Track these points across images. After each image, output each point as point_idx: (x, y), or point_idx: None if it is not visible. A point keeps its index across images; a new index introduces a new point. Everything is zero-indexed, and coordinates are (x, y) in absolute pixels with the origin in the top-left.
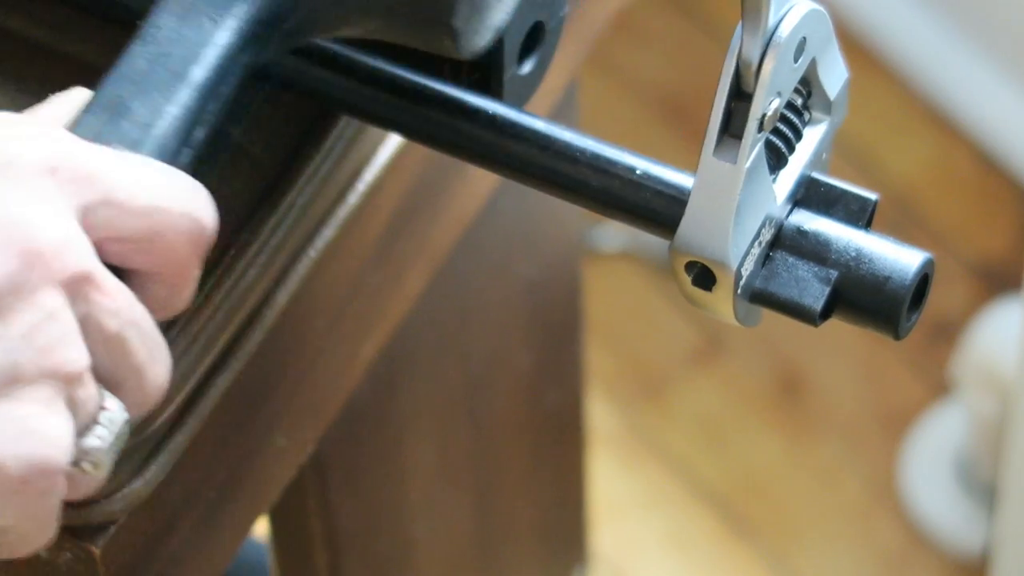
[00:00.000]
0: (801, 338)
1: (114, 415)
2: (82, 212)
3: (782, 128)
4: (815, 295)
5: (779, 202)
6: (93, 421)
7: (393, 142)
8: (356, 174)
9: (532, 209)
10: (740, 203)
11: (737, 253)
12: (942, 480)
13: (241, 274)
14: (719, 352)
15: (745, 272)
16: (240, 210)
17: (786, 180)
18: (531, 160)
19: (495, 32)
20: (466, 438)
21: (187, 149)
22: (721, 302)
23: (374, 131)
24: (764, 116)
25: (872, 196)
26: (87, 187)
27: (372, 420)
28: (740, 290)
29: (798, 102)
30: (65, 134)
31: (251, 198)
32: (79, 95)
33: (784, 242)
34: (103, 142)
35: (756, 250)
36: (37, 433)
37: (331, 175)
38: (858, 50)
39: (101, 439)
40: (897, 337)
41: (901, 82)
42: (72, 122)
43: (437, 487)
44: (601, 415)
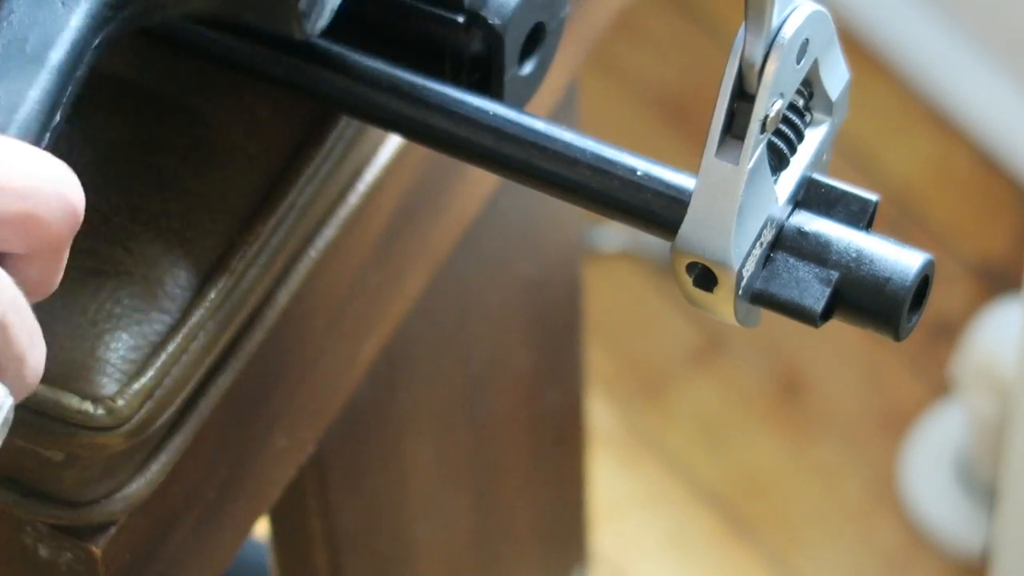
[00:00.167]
0: (801, 338)
1: (1, 399)
2: None
3: (784, 129)
4: (816, 296)
5: (780, 203)
6: None
7: (393, 143)
8: (356, 174)
9: (532, 209)
10: (742, 204)
11: (739, 254)
12: (942, 480)
13: (241, 274)
14: (719, 352)
15: (746, 273)
16: (240, 210)
17: (787, 181)
18: (531, 161)
19: (333, 13)
20: (466, 438)
21: (48, 133)
22: (722, 303)
23: (374, 131)
24: (767, 117)
25: (872, 197)
26: None
27: (372, 420)
28: (741, 291)
29: (800, 103)
30: None
31: (251, 198)
32: None
33: (785, 243)
34: None
35: (757, 251)
36: None
37: (331, 175)
38: (858, 50)
39: None
40: (898, 338)
41: (901, 82)
42: None
43: (437, 487)
44: (601, 415)
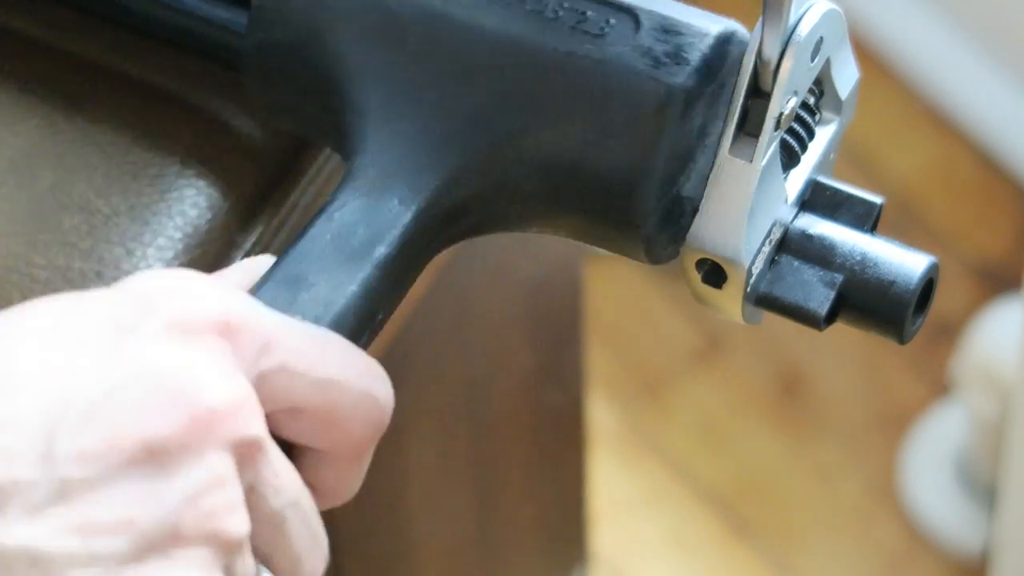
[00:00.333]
0: (801, 338)
1: None
2: (257, 378)
3: (796, 127)
4: (820, 299)
5: (789, 201)
6: None
7: None
8: None
9: None
10: (754, 201)
11: (749, 251)
12: (942, 480)
13: None
14: (719, 352)
15: (756, 270)
16: (242, 209)
17: (796, 180)
18: None
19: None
20: (467, 439)
21: (356, 322)
22: (730, 300)
23: None
24: (781, 115)
25: (878, 200)
26: (264, 352)
27: None
28: (749, 289)
29: (811, 101)
30: (246, 297)
31: (254, 198)
32: (261, 262)
33: (790, 245)
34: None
35: (766, 249)
36: None
37: (334, 174)
38: (859, 51)
39: None
40: (902, 341)
41: (902, 83)
42: (252, 289)
43: (437, 487)
44: (601, 415)
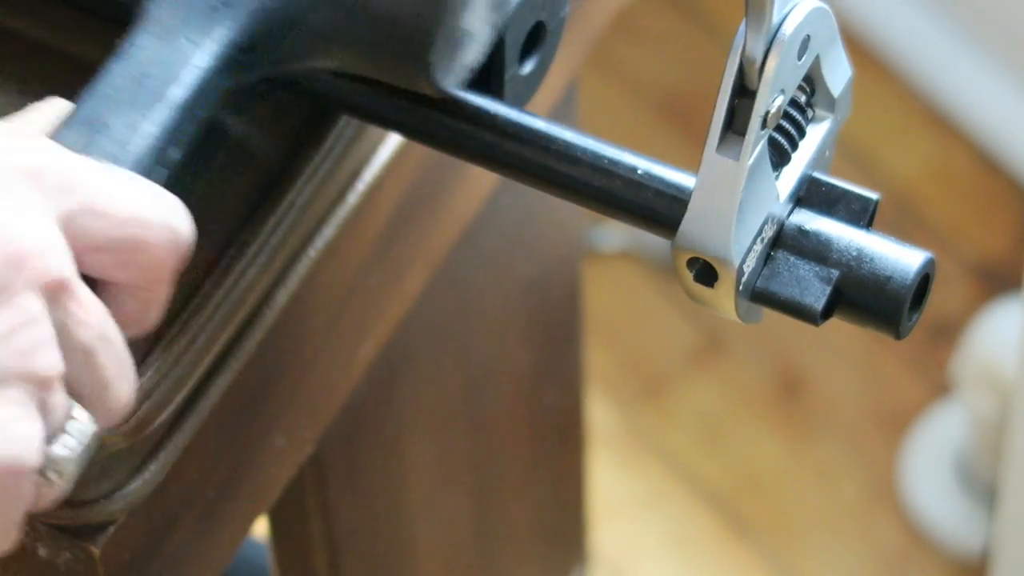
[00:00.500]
0: (801, 338)
1: (83, 426)
2: (63, 220)
3: (785, 125)
4: (816, 295)
5: (782, 199)
6: (60, 430)
7: (393, 142)
8: (356, 174)
9: (532, 209)
10: (743, 200)
11: (739, 250)
12: (942, 480)
13: (240, 274)
14: (719, 352)
15: (747, 269)
16: (240, 210)
17: (789, 177)
18: (532, 160)
19: (468, 71)
20: (465, 438)
21: (161, 168)
22: (723, 299)
23: (374, 131)
24: (767, 113)
25: (873, 196)
26: (69, 195)
27: (371, 420)
28: (742, 287)
29: (801, 100)
30: (48, 143)
31: (251, 198)
32: (58, 106)
33: (786, 241)
34: (82, 155)
35: (758, 247)
36: (8, 433)
37: (331, 175)
38: (858, 50)
39: (69, 449)
40: (898, 337)
41: (901, 82)
42: (51, 134)
43: (436, 487)
44: (601, 415)
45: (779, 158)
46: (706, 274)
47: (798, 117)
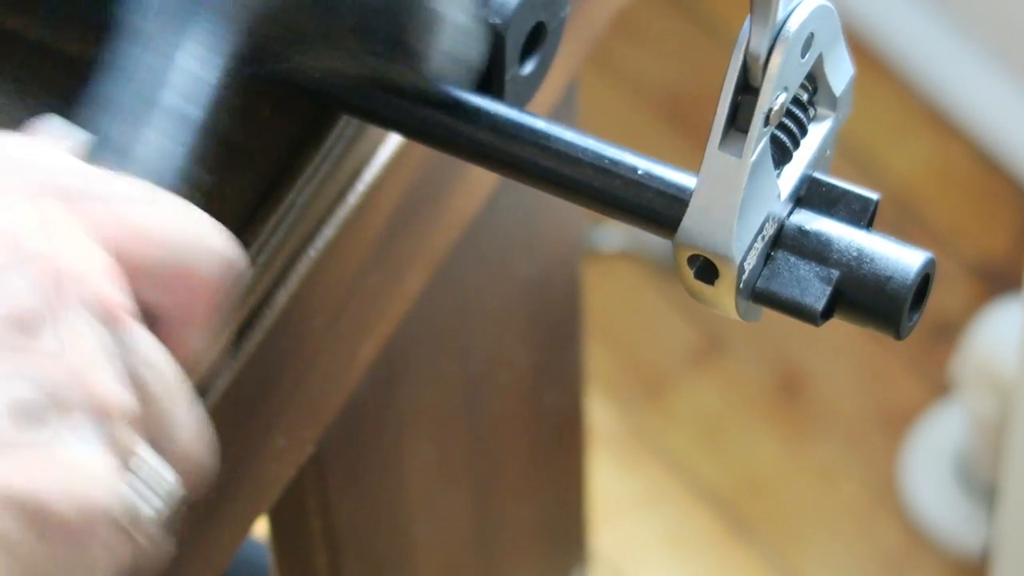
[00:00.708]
0: (801, 338)
1: (169, 485)
2: (108, 244)
3: (788, 123)
4: (816, 295)
5: (783, 198)
6: (140, 484)
7: (393, 142)
8: (356, 174)
9: (532, 209)
10: (744, 197)
11: (740, 247)
12: (942, 480)
13: None
14: (719, 352)
15: (748, 266)
16: (240, 210)
17: (790, 175)
18: (533, 160)
19: (466, 71)
20: (465, 438)
21: (198, 192)
22: (724, 296)
23: (374, 131)
24: (771, 110)
25: (874, 196)
26: (113, 219)
27: (371, 420)
28: (742, 285)
29: (804, 98)
30: (85, 165)
31: (251, 198)
32: (61, 125)
33: (786, 242)
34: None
35: (759, 245)
36: (79, 470)
37: (331, 175)
38: (858, 50)
39: (155, 510)
40: (899, 337)
41: (901, 82)
42: (85, 156)
43: (437, 487)
44: (601, 415)
45: (781, 156)
46: (707, 271)
47: (800, 115)
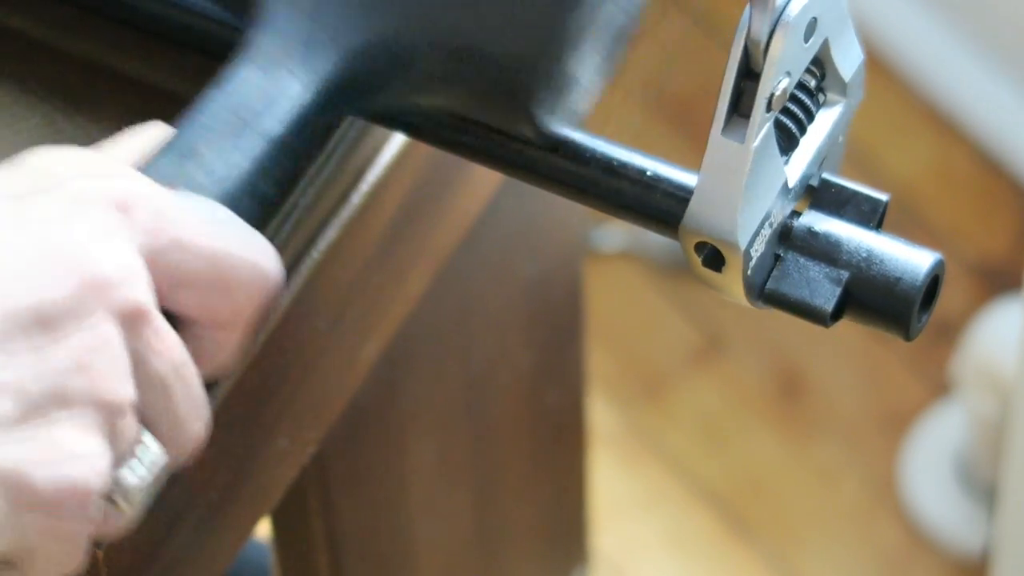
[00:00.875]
0: (801, 338)
1: (155, 455)
2: (148, 251)
3: (793, 109)
4: (826, 296)
5: (792, 184)
6: (131, 456)
7: (396, 143)
8: (359, 175)
9: (533, 210)
10: (749, 183)
11: (746, 233)
12: (942, 480)
13: None
14: (719, 352)
15: (755, 253)
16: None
17: (798, 163)
18: (541, 162)
19: (576, 118)
20: (467, 438)
21: (251, 201)
22: (732, 283)
23: (377, 131)
24: (772, 95)
25: (883, 197)
26: (156, 227)
27: (373, 421)
28: (750, 272)
29: (811, 83)
30: (136, 174)
31: None
32: (157, 132)
33: (795, 243)
34: (172, 185)
35: (767, 231)
36: (74, 455)
37: (334, 176)
38: None
39: (139, 477)
40: (908, 338)
41: (901, 82)
42: (144, 162)
43: (438, 487)
44: (601, 415)
45: (787, 142)
46: (714, 259)
47: (806, 101)
